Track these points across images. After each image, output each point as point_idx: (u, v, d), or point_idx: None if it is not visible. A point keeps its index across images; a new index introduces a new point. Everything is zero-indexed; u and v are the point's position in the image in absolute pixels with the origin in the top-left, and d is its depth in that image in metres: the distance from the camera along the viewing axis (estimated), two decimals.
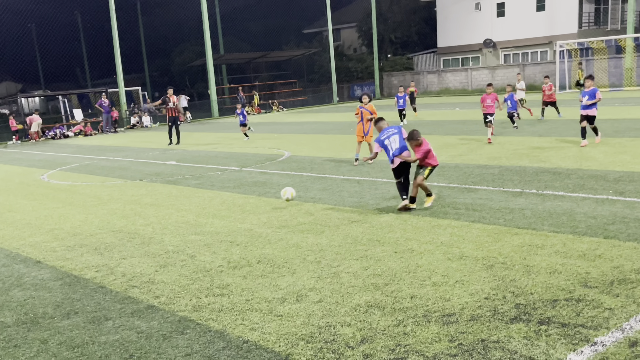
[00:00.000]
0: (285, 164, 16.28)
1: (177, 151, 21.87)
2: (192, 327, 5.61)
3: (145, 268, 7.55)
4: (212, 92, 43.20)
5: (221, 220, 9.90)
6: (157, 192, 13.14)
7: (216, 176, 14.86)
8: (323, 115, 36.24)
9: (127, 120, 38.68)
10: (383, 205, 10.11)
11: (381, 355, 4.79)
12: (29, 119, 34.13)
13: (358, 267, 6.99)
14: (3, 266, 8.11)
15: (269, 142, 22.52)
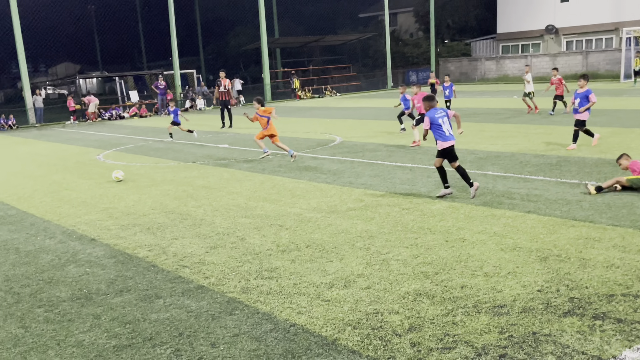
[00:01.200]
0: (336, 149, 16.23)
1: (229, 134, 22.07)
2: (240, 309, 5.65)
3: (196, 249, 7.65)
4: (265, 76, 43.38)
5: (271, 204, 9.93)
6: (208, 174, 13.29)
7: (267, 160, 14.93)
8: (376, 101, 35.98)
9: (181, 103, 39.22)
10: (435, 193, 9.96)
11: (429, 344, 4.73)
12: (87, 99, 34.93)
13: (408, 255, 6.90)
14: (59, 243, 8.34)
15: (321, 127, 22.50)
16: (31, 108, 33.66)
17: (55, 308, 5.95)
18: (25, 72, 33.28)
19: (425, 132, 9.93)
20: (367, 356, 4.60)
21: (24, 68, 33.10)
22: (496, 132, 17.60)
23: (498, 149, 14.30)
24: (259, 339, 4.99)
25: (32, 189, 12.70)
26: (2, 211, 10.64)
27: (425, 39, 57.61)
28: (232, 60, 60.46)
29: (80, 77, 41.88)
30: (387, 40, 51.13)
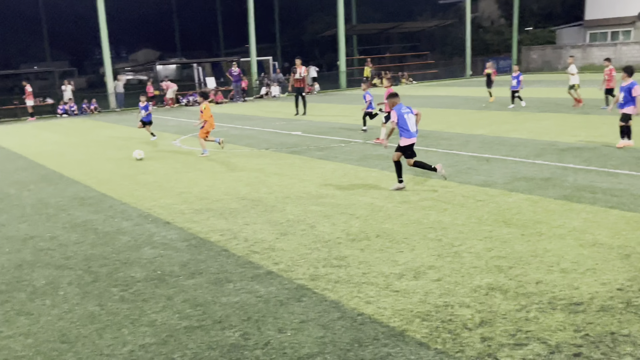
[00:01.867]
0: None
1: (302, 122, 22.16)
2: (308, 296, 5.64)
3: (266, 235, 7.70)
4: (341, 63, 43.28)
5: (342, 192, 9.89)
6: (281, 161, 13.37)
7: (340, 148, 14.89)
8: (454, 89, 35.29)
9: (256, 90, 39.68)
10: (512, 186, 9.66)
11: (500, 339, 4.58)
12: (165, 85, 35.83)
13: (481, 248, 6.72)
14: (136, 225, 8.58)
15: None
16: (112, 93, 34.87)
17: (130, 288, 6.13)
18: (108, 58, 34.47)
19: (392, 128, 9.94)
20: (436, 349, 4.51)
21: (107, 54, 34.28)
22: (579, 123, 16.91)
23: (580, 141, 13.73)
24: (326, 327, 4.97)
25: (111, 172, 13.15)
26: (83, 193, 11.07)
27: (507, 26, 55.97)
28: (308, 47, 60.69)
29: (159, 64, 42.99)
30: (467, 27, 49.91)
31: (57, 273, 6.70)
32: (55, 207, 10.01)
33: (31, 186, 12.07)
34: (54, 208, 9.96)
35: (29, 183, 12.45)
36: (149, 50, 67.68)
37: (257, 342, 4.78)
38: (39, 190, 11.55)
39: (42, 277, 6.61)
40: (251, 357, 4.55)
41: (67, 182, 12.33)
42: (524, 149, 13.01)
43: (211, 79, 40.42)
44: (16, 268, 6.96)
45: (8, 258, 7.37)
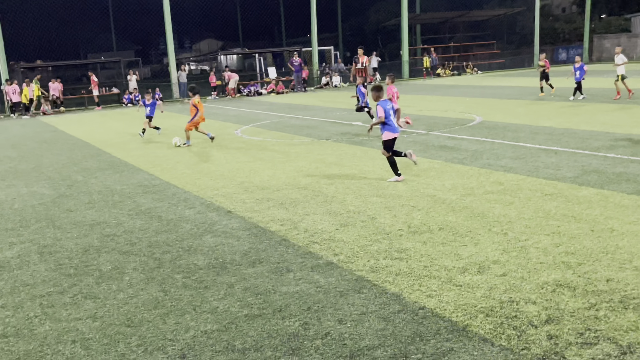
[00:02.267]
0: (475, 129, 15.67)
1: (364, 112, 22.00)
2: (368, 287, 5.58)
3: (326, 225, 7.67)
4: (404, 52, 42.86)
5: (404, 184, 9.76)
6: (341, 152, 13.31)
7: (401, 138, 14.70)
8: (521, 80, 34.40)
9: (317, 80, 39.69)
10: (582, 180, 9.31)
11: (568, 337, 4.41)
12: (227, 75, 36.24)
13: (549, 243, 6.49)
14: (198, 213, 8.70)
15: (459, 106, 21.86)
16: (175, 83, 35.54)
17: (193, 275, 6.20)
18: (172, 48, 35.16)
19: (379, 122, 9.91)
20: (500, 345, 4.37)
21: (171, 44, 34.97)
22: None
23: None
24: (386, 319, 4.90)
25: (174, 161, 13.40)
26: (147, 181, 11.31)
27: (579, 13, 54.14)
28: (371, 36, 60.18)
29: (221, 54, 43.51)
30: (537, 16, 48.47)
31: (122, 258, 6.86)
32: (120, 194, 10.26)
33: (98, 173, 12.43)
34: (120, 195, 10.22)
35: (95, 170, 12.82)
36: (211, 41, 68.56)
37: (317, 332, 4.76)
38: (106, 178, 11.88)
39: (108, 262, 6.78)
40: (311, 347, 4.53)
41: (132, 170, 12.63)
42: (595, 142, 12.54)
43: (272, 69, 40.68)
44: (84, 253, 7.17)
45: (76, 243, 7.59)
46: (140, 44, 62.39)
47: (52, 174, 12.74)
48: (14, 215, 9.24)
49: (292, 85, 37.73)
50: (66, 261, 6.89)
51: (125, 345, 4.74)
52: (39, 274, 6.50)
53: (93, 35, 58.52)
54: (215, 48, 60.82)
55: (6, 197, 10.63)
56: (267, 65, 42.92)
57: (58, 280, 6.27)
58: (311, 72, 39.49)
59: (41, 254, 7.20)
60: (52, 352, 4.69)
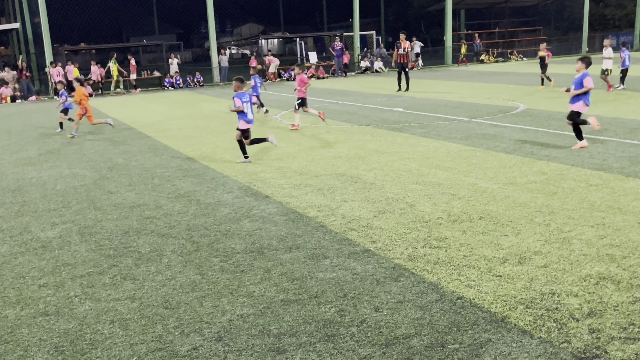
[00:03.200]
0: (519, 117, 15.36)
1: (404, 98, 21.80)
2: (406, 276, 5.52)
3: (364, 212, 7.61)
4: (447, 38, 42.18)
5: (444, 172, 9.62)
6: (381, 138, 13.20)
7: (443, 126, 14.52)
8: (568, 67, 33.52)
9: (358, 65, 39.42)
10: (629, 170, 9.04)
11: (610, 332, 4.29)
12: (268, 59, 36.23)
13: (592, 235, 6.32)
14: (236, 197, 8.73)
15: (503, 94, 21.46)
16: (216, 67, 35.70)
17: (230, 259, 6.23)
18: (213, 32, 35.29)
19: (237, 110, 11.01)
20: (540, 338, 4.28)
21: (212, 28, 35.10)
22: None
23: None
24: (423, 308, 4.84)
25: (214, 145, 13.48)
26: (187, 165, 11.41)
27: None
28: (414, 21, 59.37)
29: (262, 38, 43.51)
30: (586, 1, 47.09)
31: (161, 241, 6.93)
32: (160, 177, 10.37)
33: (138, 156, 12.59)
34: (159, 178, 10.33)
35: (136, 153, 12.99)
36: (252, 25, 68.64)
37: (353, 320, 4.72)
38: (146, 161, 12.02)
39: (147, 244, 6.85)
40: (346, 334, 4.50)
41: (171, 153, 12.76)
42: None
43: (313, 54, 40.55)
44: (123, 234, 7.26)
45: (116, 224, 7.70)
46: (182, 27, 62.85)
47: (94, 156, 12.95)
48: (56, 196, 9.43)
49: (332, 69, 37.56)
50: (106, 242, 7.00)
51: (163, 327, 4.78)
52: (80, 255, 6.62)
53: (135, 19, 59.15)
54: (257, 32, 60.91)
55: (49, 178, 10.85)
56: (308, 49, 42.79)
57: (98, 261, 6.37)
58: (352, 57, 39.23)
59: (82, 235, 7.32)
60: (91, 332, 4.77)
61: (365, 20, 45.05)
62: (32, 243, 7.13)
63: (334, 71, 37.33)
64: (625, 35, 49.43)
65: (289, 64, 39.60)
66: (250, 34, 64.05)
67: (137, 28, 59.95)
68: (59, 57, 34.34)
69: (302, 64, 17.36)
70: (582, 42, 47.55)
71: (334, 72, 37.30)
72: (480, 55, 43.41)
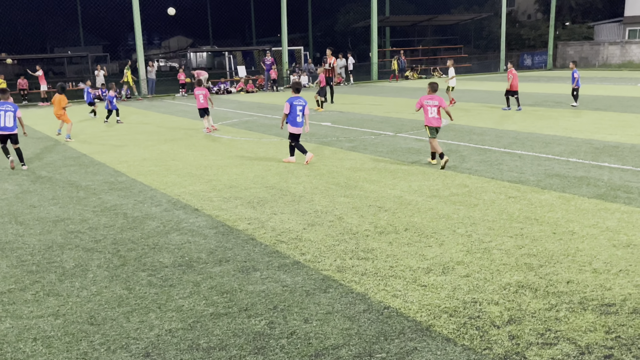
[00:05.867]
0: (442, 131, 15.80)
1: (332, 113, 22.08)
2: (334, 287, 5.61)
3: (294, 225, 7.68)
4: (373, 54, 43.01)
5: (371, 185, 9.83)
6: (310, 151, 13.30)
7: (370, 140, 14.81)
8: (487, 84, 34.85)
9: (286, 80, 39.64)
10: (545, 183, 9.49)
11: (529, 338, 4.51)
12: (197, 73, 35.92)
13: (511, 245, 6.61)
14: (165, 211, 8.63)
15: None
16: (144, 79, 35.09)
17: (158, 273, 6.16)
18: (141, 44, 34.69)
19: None
20: (463, 345, 4.45)
21: (140, 40, 34.50)
22: (616, 121, 16.57)
23: (617, 140, 13.45)
24: (352, 319, 4.94)
25: (141, 158, 13.26)
26: (113, 177, 11.17)
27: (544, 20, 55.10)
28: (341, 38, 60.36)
29: (191, 51, 43.10)
30: (503, 21, 49.14)
31: (86, 255, 6.77)
32: (85, 191, 10.12)
33: (62, 169, 12.23)
34: (85, 191, 10.07)
35: (60, 166, 12.61)
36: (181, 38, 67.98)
37: (283, 331, 4.77)
38: (71, 174, 11.70)
39: (72, 259, 6.68)
40: (276, 346, 4.54)
41: (97, 166, 12.46)
42: (557, 146, 12.79)
43: (242, 68, 40.47)
44: (47, 249, 7.06)
45: (39, 239, 7.47)
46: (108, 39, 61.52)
47: (16, 169, 12.48)
48: None
49: (258, 82, 37.55)
50: (28, 258, 6.78)
51: (88, 344, 4.68)
52: (0, 271, 6.38)
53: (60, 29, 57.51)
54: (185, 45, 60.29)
55: None
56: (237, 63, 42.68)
57: (19, 277, 6.17)
58: (280, 72, 39.41)
59: (2, 250, 7.06)
60: (12, 350, 4.62)
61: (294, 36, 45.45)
62: None
63: (261, 85, 37.36)
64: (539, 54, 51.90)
65: (217, 78, 39.38)
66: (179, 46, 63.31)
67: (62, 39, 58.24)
68: None
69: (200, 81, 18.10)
70: (500, 60, 49.54)
71: (261, 85, 37.33)
72: (405, 72, 44.44)
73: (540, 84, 33.55)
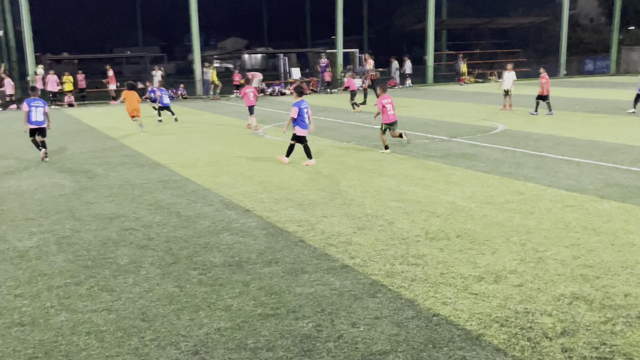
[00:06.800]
0: (497, 137, 15.56)
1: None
2: (383, 292, 5.56)
3: (343, 228, 7.66)
4: (429, 58, 42.62)
5: (424, 190, 9.72)
6: (362, 155, 13.29)
7: (423, 144, 14.66)
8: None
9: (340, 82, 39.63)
10: (604, 192, 9.20)
11: (582, 351, 4.37)
12: (251, 74, 36.27)
13: (567, 255, 6.42)
14: (216, 210, 8.73)
15: (482, 114, 21.73)
16: (200, 80, 35.67)
17: (209, 272, 6.23)
18: (197, 45, 35.30)
19: None
20: (513, 356, 4.34)
21: (196, 41, 35.11)
22: None
23: None
24: (400, 325, 4.88)
25: (195, 158, 13.47)
26: (168, 176, 11.38)
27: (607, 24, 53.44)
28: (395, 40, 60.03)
29: (246, 52, 43.59)
30: (564, 25, 47.89)
31: (139, 252, 6.91)
32: (140, 189, 10.34)
33: (119, 167, 12.54)
34: (140, 189, 10.30)
35: (117, 164, 12.94)
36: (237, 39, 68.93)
37: (330, 335, 4.75)
38: (126, 172, 11.98)
39: (126, 255, 6.83)
40: (323, 349, 4.53)
41: (152, 165, 12.72)
42: (618, 155, 12.38)
43: (296, 70, 40.70)
44: (102, 245, 7.23)
45: (95, 235, 7.67)
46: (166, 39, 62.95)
47: (74, 165, 12.88)
48: (35, 206, 9.36)
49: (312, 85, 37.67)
50: (84, 253, 6.96)
51: (139, 339, 4.77)
52: (57, 265, 6.57)
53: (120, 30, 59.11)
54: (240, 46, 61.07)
55: (28, 187, 10.77)
56: (291, 65, 42.94)
57: (75, 272, 6.34)
58: (335, 74, 39.45)
59: (59, 245, 7.28)
60: (66, 343, 4.74)
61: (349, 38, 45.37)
62: (8, 252, 7.06)
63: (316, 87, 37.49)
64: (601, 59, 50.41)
65: (271, 79, 39.73)
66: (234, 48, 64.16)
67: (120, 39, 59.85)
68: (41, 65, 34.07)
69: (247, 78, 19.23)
70: (560, 65, 48.37)
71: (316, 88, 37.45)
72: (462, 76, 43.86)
73: (602, 89, 32.59)
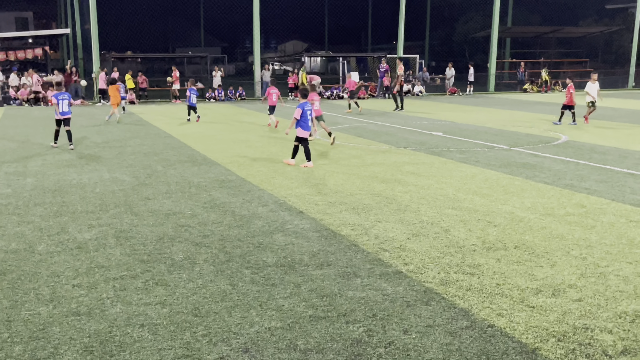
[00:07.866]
0: (560, 148, 15.15)
1: (445, 122, 21.70)
2: (436, 300, 5.46)
3: (398, 234, 7.57)
4: (491, 65, 41.92)
5: (481, 199, 9.52)
6: (419, 161, 13.14)
7: (482, 152, 14.39)
8: (612, 101, 33.01)
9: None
10: None
11: None
12: (309, 77, 36.40)
13: (630, 272, 6.17)
14: (271, 211, 8.77)
15: (545, 124, 21.21)
16: (259, 82, 36.04)
17: (261, 271, 6.25)
18: (258, 47, 35.70)
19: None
20: None
21: (257, 43, 35.50)
22: None
23: None
24: (453, 334, 4.78)
25: (251, 158, 13.58)
26: (224, 176, 11.51)
27: None
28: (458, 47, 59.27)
29: (306, 55, 43.79)
30: (636, 35, 46.27)
31: (194, 249, 7.00)
32: (197, 187, 10.49)
33: (177, 165, 12.76)
34: (196, 187, 10.44)
35: (175, 162, 13.17)
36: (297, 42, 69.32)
37: (381, 340, 4.69)
38: (184, 170, 12.18)
39: (181, 251, 6.92)
40: (373, 355, 4.47)
41: (209, 163, 12.90)
42: None
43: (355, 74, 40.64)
44: (158, 240, 7.36)
45: (151, 230, 7.81)
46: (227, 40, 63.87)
47: (134, 162, 13.17)
48: (94, 199, 9.61)
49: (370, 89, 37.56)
50: (141, 247, 7.09)
51: (191, 334, 4.81)
52: (114, 258, 6.72)
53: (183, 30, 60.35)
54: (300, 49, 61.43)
55: (89, 181, 11.07)
56: (351, 69, 42.93)
57: (132, 265, 6.46)
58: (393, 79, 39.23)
59: (117, 238, 7.44)
60: (120, 334, 4.82)
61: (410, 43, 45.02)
62: (68, 243, 7.27)
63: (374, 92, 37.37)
64: None
65: (330, 83, 39.82)
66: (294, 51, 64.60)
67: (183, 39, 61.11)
68: (106, 63, 35.11)
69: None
70: (629, 76, 46.77)
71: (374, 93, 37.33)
72: (524, 84, 42.98)
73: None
